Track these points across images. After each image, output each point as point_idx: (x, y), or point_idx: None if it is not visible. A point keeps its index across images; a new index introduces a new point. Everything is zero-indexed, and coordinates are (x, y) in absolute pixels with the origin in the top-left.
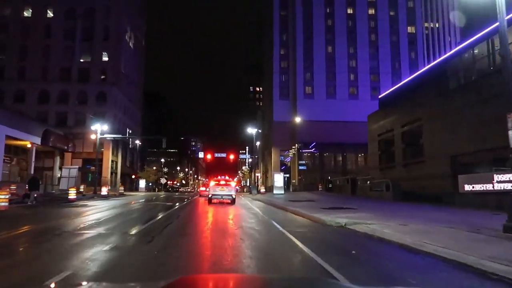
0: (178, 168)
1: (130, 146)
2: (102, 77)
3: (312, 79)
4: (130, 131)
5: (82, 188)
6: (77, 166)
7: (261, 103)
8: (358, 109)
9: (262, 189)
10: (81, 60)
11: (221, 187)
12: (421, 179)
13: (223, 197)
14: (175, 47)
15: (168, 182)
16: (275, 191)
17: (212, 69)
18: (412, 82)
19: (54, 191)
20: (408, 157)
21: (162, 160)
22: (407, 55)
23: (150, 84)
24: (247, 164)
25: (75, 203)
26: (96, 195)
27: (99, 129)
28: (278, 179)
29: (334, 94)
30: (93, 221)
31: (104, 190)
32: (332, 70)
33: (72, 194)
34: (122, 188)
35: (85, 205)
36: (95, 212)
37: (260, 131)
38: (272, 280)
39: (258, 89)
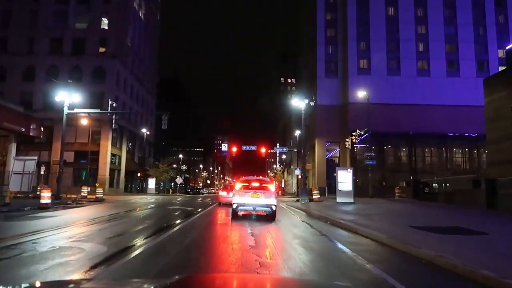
0: (201, 166)
1: (139, 135)
2: (102, 50)
3: (368, 49)
4: (139, 116)
5: (42, 189)
6: (35, 158)
7: (293, 95)
8: (430, 89)
9: (316, 195)
10: (76, 28)
11: (253, 191)
12: None
13: (256, 208)
14: (198, 36)
15: (192, 182)
16: (339, 199)
17: (238, 59)
18: None
19: None
20: None
21: (180, 156)
22: (494, 19)
23: (167, 73)
24: (277, 163)
25: None
26: (30, 206)
27: (66, 100)
28: (345, 179)
29: (397, 70)
30: None
31: (46, 196)
32: (394, 37)
33: None
34: (101, 190)
35: None
36: None
37: (312, 103)
38: (286, 281)
39: (289, 80)
